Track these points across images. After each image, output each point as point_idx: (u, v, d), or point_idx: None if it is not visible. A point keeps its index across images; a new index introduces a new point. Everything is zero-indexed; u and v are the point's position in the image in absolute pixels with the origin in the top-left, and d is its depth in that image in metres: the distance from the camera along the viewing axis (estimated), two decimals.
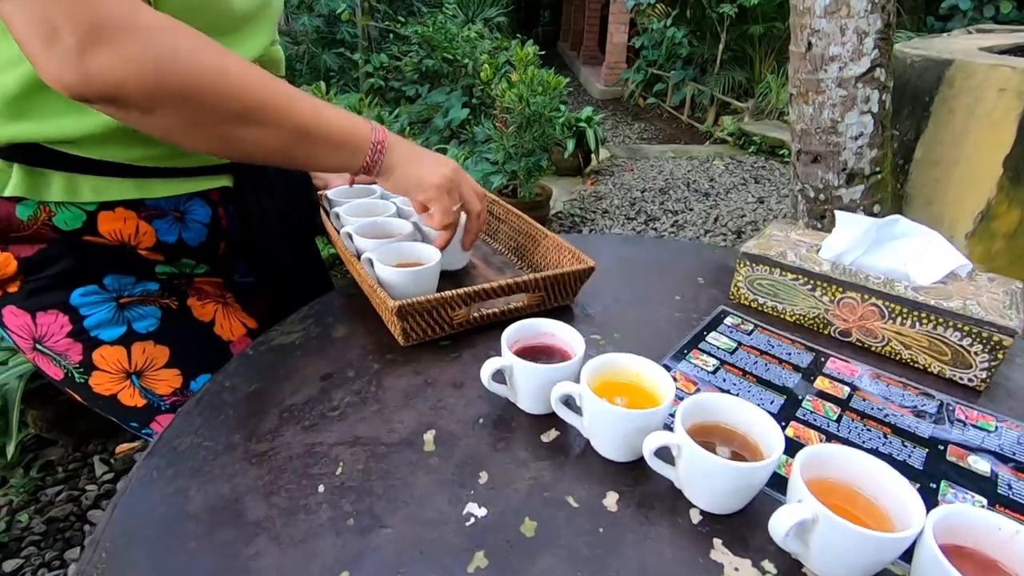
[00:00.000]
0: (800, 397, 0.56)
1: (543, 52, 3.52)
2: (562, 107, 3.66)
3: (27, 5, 0.39)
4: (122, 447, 1.65)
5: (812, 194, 2.20)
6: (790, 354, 0.63)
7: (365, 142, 0.57)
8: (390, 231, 0.74)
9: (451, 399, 0.54)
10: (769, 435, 0.42)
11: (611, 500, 0.44)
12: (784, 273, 0.68)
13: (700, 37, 5.89)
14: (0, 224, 0.55)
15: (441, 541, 0.40)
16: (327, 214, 0.77)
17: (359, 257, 0.67)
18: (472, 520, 0.42)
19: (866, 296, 0.63)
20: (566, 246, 0.72)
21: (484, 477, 0.46)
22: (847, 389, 0.57)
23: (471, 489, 0.44)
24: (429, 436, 0.50)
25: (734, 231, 3.16)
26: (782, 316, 0.70)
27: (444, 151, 3.16)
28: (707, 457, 0.40)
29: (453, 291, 0.59)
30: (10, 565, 1.31)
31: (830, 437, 0.51)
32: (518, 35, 4.62)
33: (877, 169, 2.14)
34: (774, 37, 5.55)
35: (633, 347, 0.63)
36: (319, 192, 0.84)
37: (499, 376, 0.52)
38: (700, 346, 0.63)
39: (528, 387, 0.50)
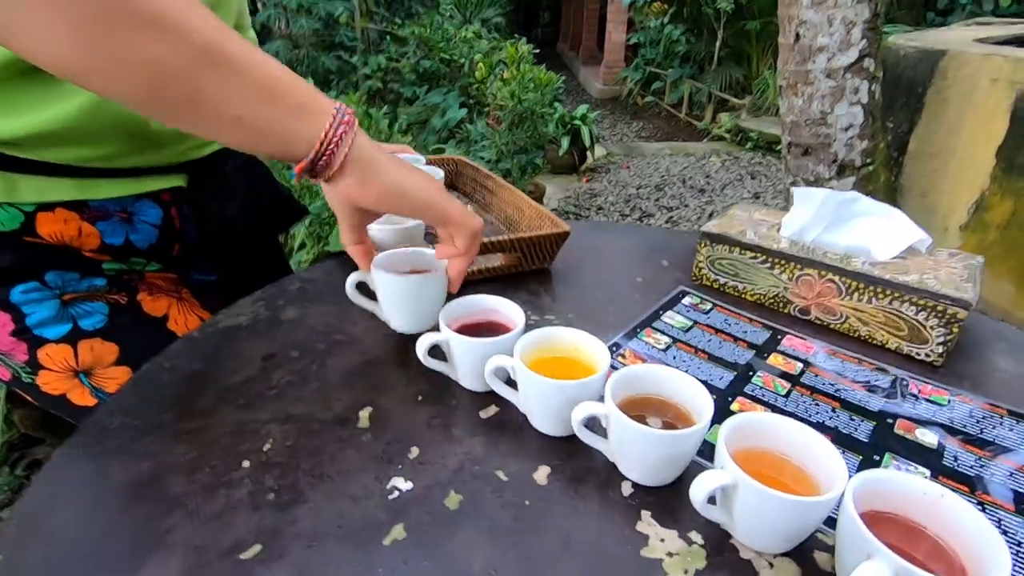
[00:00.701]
0: (751, 373, 0.54)
1: (541, 52, 3.53)
2: (557, 105, 3.65)
3: None
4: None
5: (803, 187, 2.19)
6: (746, 332, 0.61)
7: (325, 110, 0.42)
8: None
9: (393, 377, 0.53)
10: (700, 403, 0.41)
11: (542, 474, 0.43)
12: (743, 252, 0.67)
13: (697, 34, 5.87)
14: None
15: (360, 515, 0.39)
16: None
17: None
18: (396, 494, 0.41)
19: (823, 272, 0.61)
20: (547, 214, 0.75)
21: (415, 452, 0.45)
22: (800, 365, 0.56)
23: (399, 464, 0.44)
24: (364, 413, 0.49)
25: None
26: (743, 295, 0.69)
27: (442, 151, 3.16)
28: (634, 426, 0.38)
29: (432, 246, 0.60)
30: None
31: (776, 412, 0.49)
32: (516, 36, 4.62)
33: (869, 160, 2.12)
34: (771, 33, 5.52)
35: (587, 327, 0.62)
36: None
37: (438, 352, 0.51)
38: (654, 324, 0.62)
39: (465, 362, 0.49)
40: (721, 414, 0.48)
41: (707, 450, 0.43)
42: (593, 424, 0.44)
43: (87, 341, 0.59)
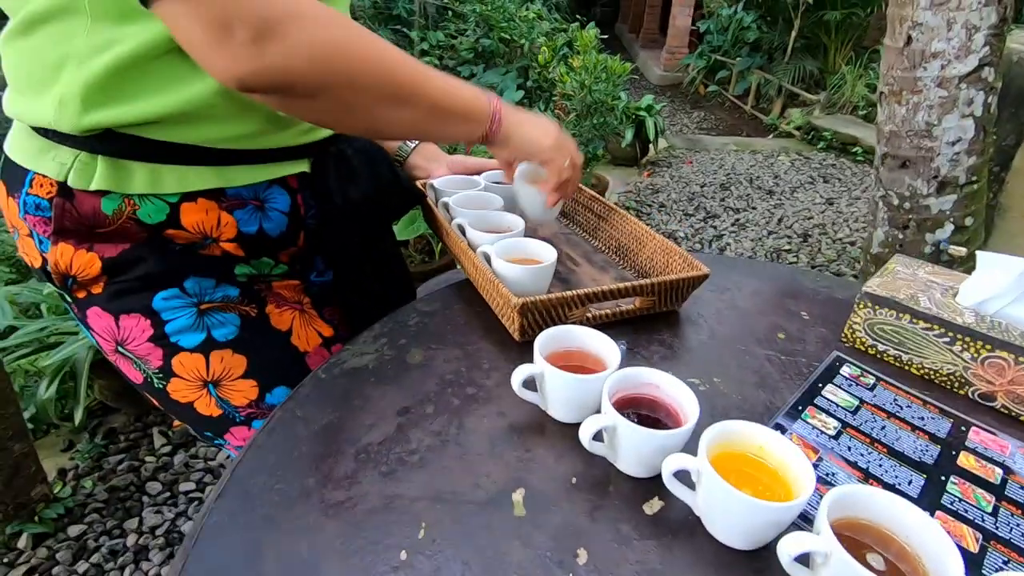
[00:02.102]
0: (943, 478, 0.48)
1: (603, 36, 3.38)
2: (622, 95, 3.52)
3: (196, 5, 0.40)
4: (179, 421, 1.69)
5: (896, 202, 2.04)
6: (923, 419, 0.54)
7: (485, 113, 0.59)
8: (500, 225, 0.74)
9: (539, 450, 0.49)
10: (937, 549, 0.35)
11: None
12: (915, 321, 0.59)
13: (771, 22, 5.57)
14: (86, 220, 0.54)
15: None
16: (433, 203, 0.78)
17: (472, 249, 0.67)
18: None
19: (1021, 358, 0.54)
20: (675, 250, 0.70)
21: (583, 556, 0.40)
22: (998, 471, 0.49)
23: (570, 571, 0.39)
24: (518, 497, 0.45)
25: (800, 234, 2.99)
26: (907, 368, 0.62)
27: None
28: (860, 572, 0.33)
29: (573, 292, 0.59)
30: (75, 530, 1.36)
31: (988, 536, 0.43)
32: (577, 16, 4.46)
33: (974, 178, 1.96)
34: (853, 25, 5.19)
35: (737, 396, 0.57)
36: (421, 181, 0.83)
37: (598, 434, 0.46)
38: (816, 402, 0.56)
39: (633, 451, 0.45)
40: None
41: None
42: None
43: (219, 352, 0.60)
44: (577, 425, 0.47)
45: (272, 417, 0.52)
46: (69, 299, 0.60)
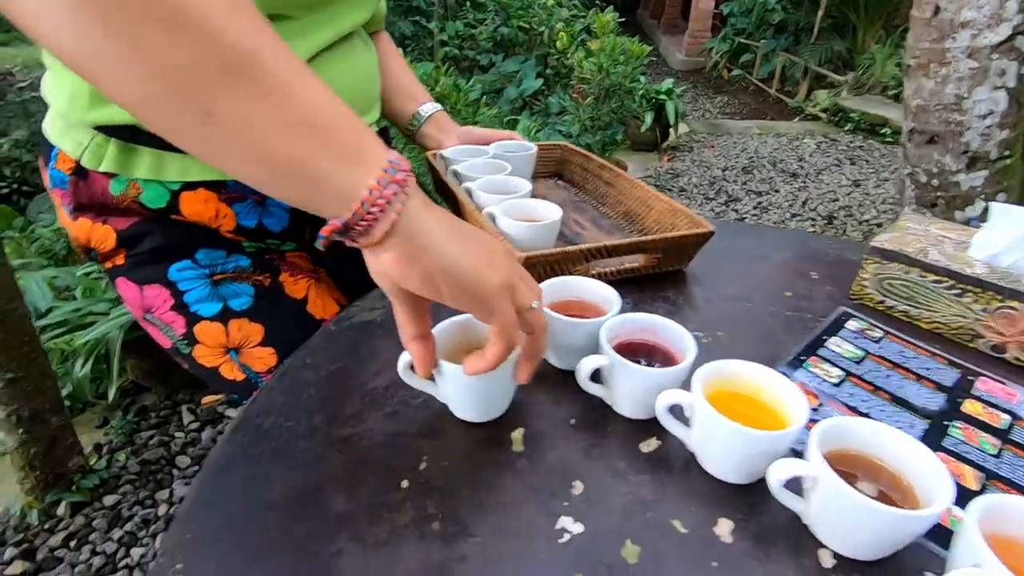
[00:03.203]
0: (946, 423, 0.47)
1: (623, 20, 3.35)
2: (641, 78, 3.48)
3: None
4: (207, 399, 1.75)
5: (924, 179, 1.98)
6: (929, 369, 0.54)
7: (378, 161, 0.34)
8: (507, 188, 0.75)
9: (540, 394, 0.50)
10: (928, 477, 0.35)
11: (724, 529, 0.39)
12: (925, 274, 0.58)
13: (796, 3, 5.42)
14: (97, 197, 0.57)
15: (534, 558, 0.36)
16: (443, 172, 0.79)
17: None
18: (567, 536, 0.38)
19: None
20: (682, 210, 0.70)
21: (578, 487, 0.41)
22: (1006, 418, 0.48)
23: (564, 500, 0.40)
24: (517, 435, 0.46)
25: (824, 216, 2.92)
26: (916, 323, 0.61)
27: (515, 123, 3.09)
28: (853, 496, 0.33)
29: (577, 247, 0.59)
30: (110, 500, 1.43)
31: (990, 475, 0.43)
32: (596, 3, 4.41)
33: (1006, 152, 1.89)
34: (882, 2, 5.02)
35: (740, 348, 0.57)
36: (431, 152, 0.84)
37: (595, 374, 0.47)
38: (820, 352, 0.55)
39: (630, 391, 0.45)
40: None
41: (939, 534, 0.37)
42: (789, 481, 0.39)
43: (236, 321, 0.61)
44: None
45: (283, 365, 0.54)
46: (102, 270, 0.63)
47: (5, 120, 2.50)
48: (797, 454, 0.41)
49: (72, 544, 1.32)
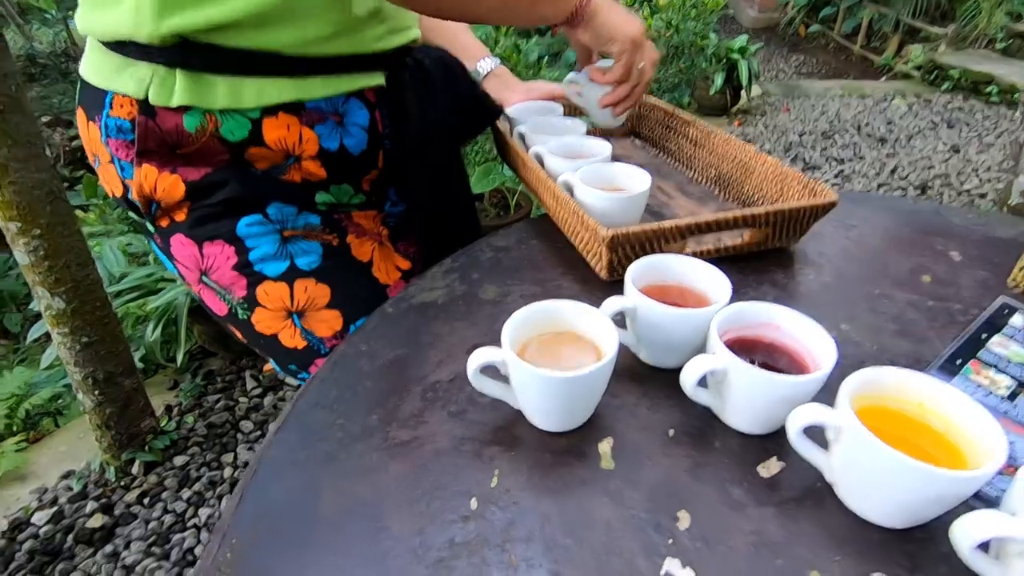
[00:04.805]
0: None
1: None
2: (712, 35, 3.22)
3: None
4: (269, 366, 1.78)
5: None
6: None
7: None
8: (583, 151, 0.66)
9: (629, 396, 0.42)
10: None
11: None
12: None
13: None
14: (169, 138, 0.52)
15: None
16: (508, 133, 0.71)
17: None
18: None
19: None
20: (792, 174, 0.59)
21: (685, 520, 0.34)
22: None
23: (669, 536, 0.33)
24: (605, 447, 0.38)
25: (917, 185, 2.64)
26: None
27: None
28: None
29: (672, 222, 0.51)
30: (179, 460, 1.48)
31: None
32: None
33: None
34: None
35: (872, 346, 0.47)
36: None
37: (702, 380, 0.39)
38: (980, 356, 0.45)
39: (748, 401, 0.37)
40: None
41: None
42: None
43: (303, 281, 0.58)
44: (674, 371, 0.39)
45: (335, 351, 0.48)
46: (152, 229, 0.59)
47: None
48: (981, 495, 0.32)
49: (146, 501, 1.37)
